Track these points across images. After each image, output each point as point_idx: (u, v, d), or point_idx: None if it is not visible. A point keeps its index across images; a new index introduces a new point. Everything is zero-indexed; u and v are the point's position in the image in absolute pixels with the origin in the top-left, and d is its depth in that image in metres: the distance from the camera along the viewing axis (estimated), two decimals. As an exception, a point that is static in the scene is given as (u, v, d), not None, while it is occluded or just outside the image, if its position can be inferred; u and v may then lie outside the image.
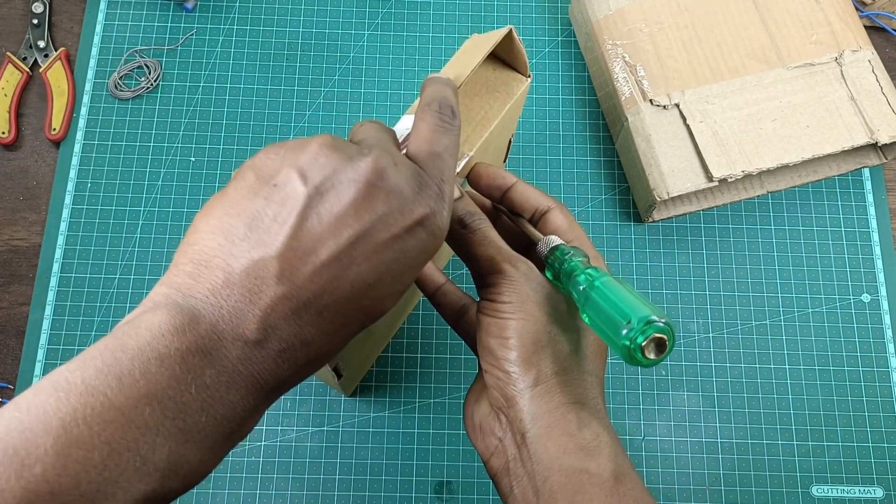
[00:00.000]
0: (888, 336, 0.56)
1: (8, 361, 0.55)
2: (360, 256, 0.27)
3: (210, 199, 0.28)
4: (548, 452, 0.32)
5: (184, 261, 0.26)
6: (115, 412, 0.24)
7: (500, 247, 0.35)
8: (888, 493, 0.53)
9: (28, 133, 0.61)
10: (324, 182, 0.27)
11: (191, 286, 0.26)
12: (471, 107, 0.43)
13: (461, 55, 0.41)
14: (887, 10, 0.62)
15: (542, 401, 0.32)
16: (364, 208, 0.27)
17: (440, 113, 0.31)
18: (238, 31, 0.63)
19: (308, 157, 0.27)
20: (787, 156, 0.52)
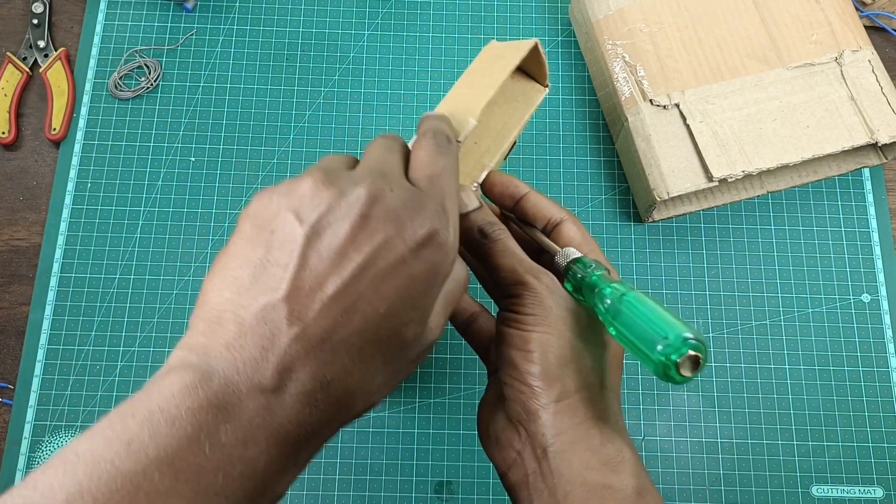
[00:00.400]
0: (888, 336, 0.56)
1: (8, 361, 0.55)
2: (368, 286, 0.27)
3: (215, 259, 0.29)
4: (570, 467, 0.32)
5: (196, 322, 0.27)
6: (122, 480, 0.23)
7: (521, 258, 0.35)
8: (888, 493, 0.53)
9: (28, 133, 0.61)
10: (319, 220, 0.27)
11: (205, 345, 0.26)
12: (490, 116, 0.41)
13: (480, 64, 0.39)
14: (887, 10, 0.62)
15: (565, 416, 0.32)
16: (362, 239, 0.27)
17: (435, 139, 0.31)
18: (238, 31, 0.63)
19: (300, 197, 0.27)
20: (787, 156, 0.52)
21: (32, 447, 0.53)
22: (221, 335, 0.26)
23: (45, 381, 0.54)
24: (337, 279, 0.26)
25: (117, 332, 0.55)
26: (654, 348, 0.28)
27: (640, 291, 0.31)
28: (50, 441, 0.53)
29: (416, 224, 0.28)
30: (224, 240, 0.57)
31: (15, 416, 0.53)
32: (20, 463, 0.52)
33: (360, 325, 0.26)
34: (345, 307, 0.26)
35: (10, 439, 0.53)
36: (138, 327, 0.55)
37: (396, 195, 0.28)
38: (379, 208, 0.27)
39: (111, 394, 0.54)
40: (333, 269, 0.26)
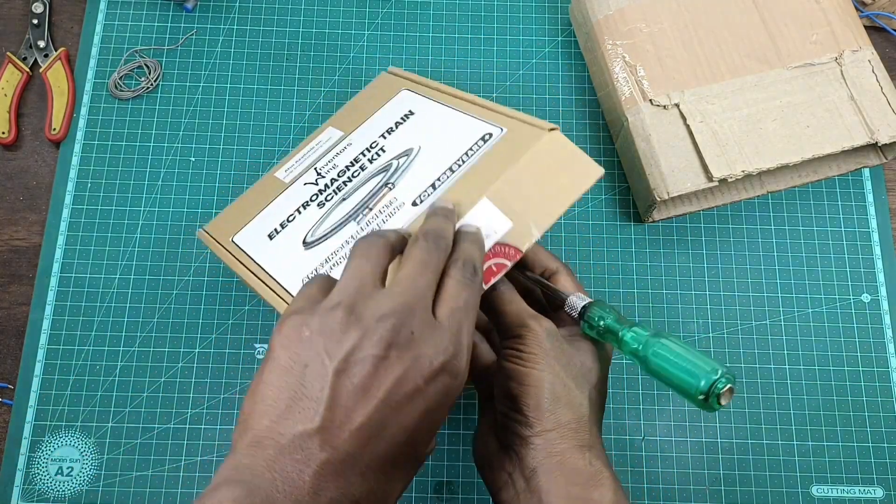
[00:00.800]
0: (888, 336, 0.56)
1: (8, 361, 0.55)
2: (389, 417, 0.31)
3: (252, 381, 0.33)
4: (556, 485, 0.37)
5: (241, 445, 0.31)
6: None
7: (524, 305, 0.40)
8: (888, 493, 0.53)
9: (28, 133, 0.61)
10: (346, 358, 0.31)
11: (249, 465, 0.30)
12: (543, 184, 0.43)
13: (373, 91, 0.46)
14: (887, 10, 0.62)
15: (554, 442, 0.38)
16: (383, 375, 0.31)
17: (463, 272, 0.36)
18: (238, 31, 0.63)
19: (330, 334, 0.32)
20: (787, 156, 0.52)
21: (32, 447, 0.53)
22: (262, 457, 0.30)
23: (45, 381, 0.54)
24: (363, 412, 0.31)
25: (117, 332, 0.55)
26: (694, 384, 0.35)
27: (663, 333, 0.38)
28: (50, 441, 0.53)
29: (432, 356, 0.32)
30: (224, 240, 0.58)
31: (15, 416, 0.53)
32: (20, 463, 0.52)
33: (383, 450, 0.31)
34: (369, 435, 0.31)
35: (10, 439, 0.53)
36: (138, 327, 0.55)
37: (417, 333, 0.32)
38: (399, 345, 0.32)
39: (111, 394, 0.54)
40: (359, 404, 0.31)
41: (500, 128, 0.46)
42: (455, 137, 0.47)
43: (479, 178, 0.44)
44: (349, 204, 0.48)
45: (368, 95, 0.55)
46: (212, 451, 0.53)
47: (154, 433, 0.53)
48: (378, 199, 0.46)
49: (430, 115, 0.50)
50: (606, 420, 0.54)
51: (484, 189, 0.42)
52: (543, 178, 0.43)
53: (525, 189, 0.42)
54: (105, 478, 0.52)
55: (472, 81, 0.62)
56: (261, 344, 0.55)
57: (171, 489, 0.52)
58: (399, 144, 0.49)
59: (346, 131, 0.53)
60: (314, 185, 0.50)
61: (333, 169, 0.50)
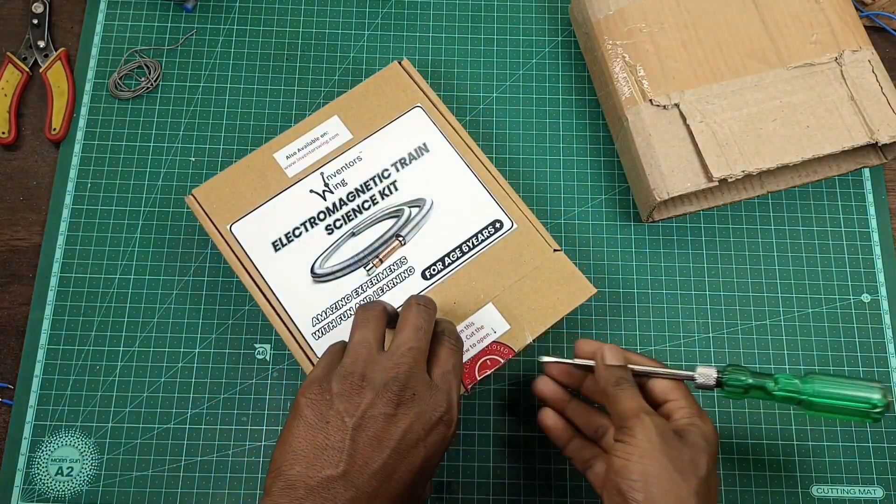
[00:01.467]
0: (888, 336, 0.56)
1: (8, 361, 0.55)
2: (399, 462, 0.39)
3: (281, 433, 0.40)
4: None
5: (274, 488, 0.37)
6: None
7: (641, 401, 0.43)
8: (888, 493, 0.53)
9: (28, 133, 0.61)
10: (362, 416, 0.39)
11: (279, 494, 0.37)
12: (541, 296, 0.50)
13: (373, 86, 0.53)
14: (887, 10, 0.62)
15: None
16: (394, 428, 0.39)
17: (450, 339, 0.44)
18: (238, 31, 0.63)
19: (348, 398, 0.39)
20: (787, 156, 0.52)
21: (32, 447, 0.53)
22: (295, 497, 0.36)
23: (45, 381, 0.54)
24: (379, 459, 0.38)
25: (117, 332, 0.55)
26: (871, 403, 0.43)
27: (806, 375, 0.44)
28: (50, 441, 0.53)
29: (431, 411, 0.40)
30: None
31: (15, 416, 0.53)
32: (20, 463, 0.52)
33: (394, 490, 0.38)
34: (384, 478, 0.38)
35: (10, 439, 0.53)
36: (138, 327, 0.55)
37: (418, 393, 0.40)
38: (404, 403, 0.39)
39: (111, 394, 0.54)
40: (375, 452, 0.38)
41: (512, 221, 0.52)
42: (467, 209, 0.52)
43: (485, 273, 0.51)
44: (359, 243, 0.52)
45: (377, 90, 0.55)
46: (212, 451, 0.53)
47: (154, 433, 0.53)
48: (388, 249, 0.51)
49: (444, 164, 0.54)
50: (606, 420, 0.54)
51: (490, 294, 0.50)
52: (542, 290, 0.50)
53: (524, 299, 0.50)
54: (105, 478, 0.52)
55: (472, 81, 0.62)
56: (261, 344, 0.55)
57: (171, 489, 0.52)
58: (412, 187, 0.53)
59: (353, 132, 0.54)
60: (322, 199, 0.52)
61: (342, 186, 0.53)
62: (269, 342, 0.55)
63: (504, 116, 0.61)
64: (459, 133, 0.54)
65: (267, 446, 0.53)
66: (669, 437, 0.41)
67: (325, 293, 0.50)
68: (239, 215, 0.52)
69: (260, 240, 0.51)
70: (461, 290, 0.50)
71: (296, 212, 0.52)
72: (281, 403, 0.54)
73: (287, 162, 0.53)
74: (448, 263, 0.51)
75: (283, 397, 0.54)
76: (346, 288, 0.50)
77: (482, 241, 0.51)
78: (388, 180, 0.53)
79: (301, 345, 0.49)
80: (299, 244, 0.51)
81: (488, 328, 0.49)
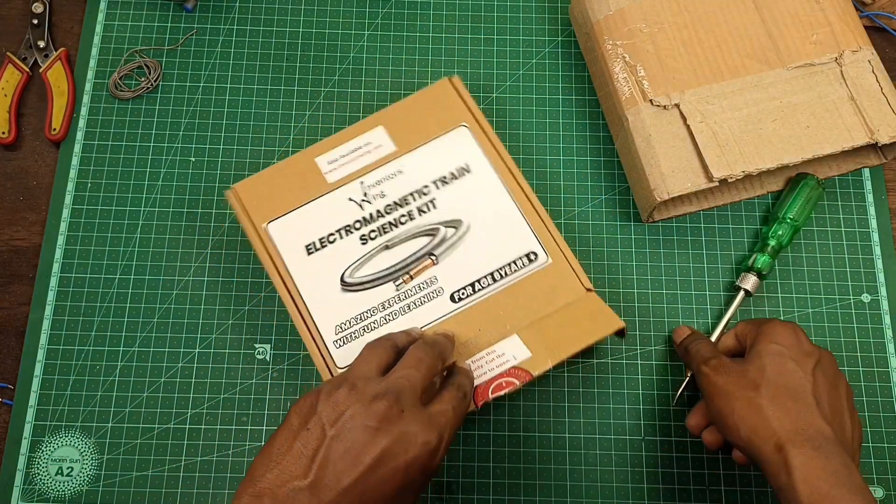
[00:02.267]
0: (888, 336, 0.56)
1: (8, 361, 0.55)
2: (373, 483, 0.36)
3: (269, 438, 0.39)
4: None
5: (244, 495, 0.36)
6: None
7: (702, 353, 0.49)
8: (888, 493, 0.53)
9: (28, 133, 0.61)
10: (342, 425, 0.37)
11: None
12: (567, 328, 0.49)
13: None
14: (887, 10, 0.62)
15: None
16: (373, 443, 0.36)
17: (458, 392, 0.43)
18: (238, 31, 0.63)
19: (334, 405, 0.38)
20: (787, 156, 0.52)
21: (32, 447, 0.53)
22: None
23: (45, 381, 0.54)
24: (350, 476, 0.36)
25: (117, 332, 0.55)
26: (812, 186, 0.55)
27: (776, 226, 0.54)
28: (50, 441, 0.53)
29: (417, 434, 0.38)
30: (224, 240, 0.57)
31: (15, 416, 0.53)
32: (20, 463, 0.52)
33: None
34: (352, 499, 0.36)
35: (10, 439, 0.53)
36: (138, 327, 0.55)
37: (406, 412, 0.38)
38: (390, 419, 0.37)
39: (111, 394, 0.54)
40: (348, 467, 0.36)
41: (547, 255, 0.51)
42: (503, 236, 0.52)
43: (514, 304, 0.50)
44: (391, 256, 0.51)
45: (424, 104, 0.55)
46: (212, 452, 0.53)
47: (154, 433, 0.53)
48: (420, 267, 0.51)
49: (484, 187, 0.53)
50: (606, 420, 0.54)
51: (516, 325, 0.49)
52: (569, 325, 0.49)
53: (550, 332, 0.49)
54: (105, 478, 0.52)
55: (472, 81, 0.62)
56: (261, 344, 0.55)
57: (171, 489, 0.52)
58: (450, 207, 0.52)
59: (397, 144, 0.54)
60: (359, 208, 0.52)
61: (381, 198, 0.52)
62: (269, 342, 0.55)
63: (504, 116, 0.61)
64: (503, 156, 0.53)
65: (267, 446, 0.53)
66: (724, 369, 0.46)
67: (352, 302, 0.50)
68: (276, 215, 0.52)
69: (294, 242, 0.51)
70: (488, 317, 0.49)
71: (332, 218, 0.52)
72: (281, 403, 0.54)
73: (328, 167, 0.53)
74: (478, 289, 0.50)
75: (283, 397, 0.54)
76: (373, 300, 0.50)
77: (515, 272, 0.51)
78: (427, 197, 0.52)
79: (321, 351, 0.49)
80: (332, 250, 0.51)
81: (509, 355, 0.48)
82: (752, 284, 0.55)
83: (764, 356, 0.45)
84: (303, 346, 0.55)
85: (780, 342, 0.46)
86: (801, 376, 0.44)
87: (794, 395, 0.43)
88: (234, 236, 0.58)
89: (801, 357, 0.45)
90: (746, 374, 0.45)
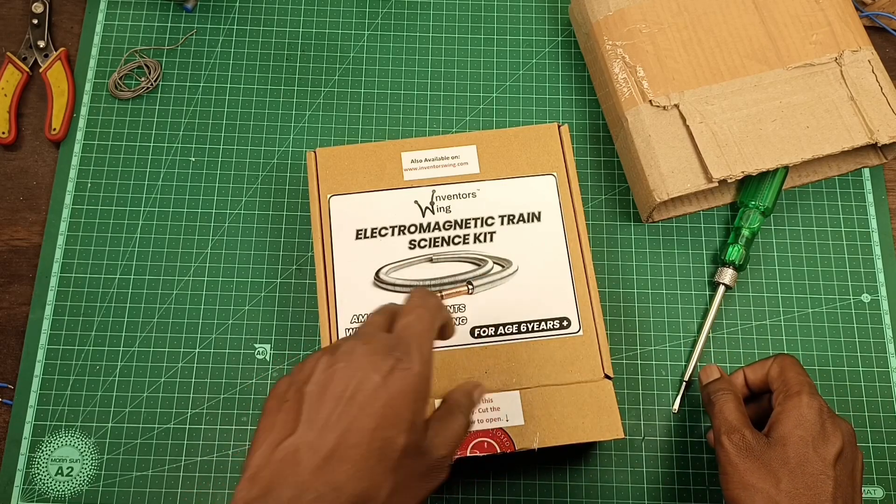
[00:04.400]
0: (888, 336, 0.56)
1: (8, 361, 0.55)
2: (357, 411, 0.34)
3: None
4: None
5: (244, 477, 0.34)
6: None
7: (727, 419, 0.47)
8: (888, 493, 0.53)
9: (28, 133, 0.61)
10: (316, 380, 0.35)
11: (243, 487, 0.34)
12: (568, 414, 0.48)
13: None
14: (887, 10, 0.62)
15: None
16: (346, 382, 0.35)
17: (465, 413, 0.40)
18: (238, 31, 0.63)
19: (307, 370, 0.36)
20: (787, 156, 0.52)
21: (32, 447, 0.53)
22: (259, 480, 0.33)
23: (45, 381, 0.54)
24: (333, 411, 0.34)
25: (117, 332, 0.55)
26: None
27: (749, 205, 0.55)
28: (50, 441, 0.53)
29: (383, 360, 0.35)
30: (224, 240, 0.58)
31: (15, 416, 0.53)
32: (20, 463, 0.52)
33: (357, 439, 0.34)
34: (343, 428, 0.34)
35: (9, 439, 0.53)
36: (138, 327, 0.55)
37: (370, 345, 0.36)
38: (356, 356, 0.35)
39: (111, 394, 0.54)
40: (330, 407, 0.34)
41: (580, 327, 0.50)
42: (545, 293, 0.51)
43: (529, 361, 0.49)
44: (432, 270, 0.51)
45: (525, 141, 0.54)
46: (212, 451, 0.53)
47: (154, 433, 0.53)
48: (454, 291, 0.50)
49: (547, 241, 0.52)
50: (606, 420, 0.54)
51: (522, 383, 0.48)
52: (572, 407, 0.48)
53: (551, 407, 0.48)
54: (105, 478, 0.52)
55: (472, 81, 0.62)
56: (261, 344, 0.55)
57: (171, 489, 0.52)
58: (507, 246, 0.52)
59: (483, 167, 0.53)
60: (421, 214, 0.52)
61: (446, 212, 0.52)
62: (269, 342, 0.55)
63: (504, 116, 0.61)
64: (578, 216, 0.52)
65: (267, 446, 0.53)
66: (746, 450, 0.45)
67: (376, 299, 0.50)
68: (343, 191, 0.52)
69: (349, 221, 0.51)
70: (498, 363, 0.49)
71: (392, 214, 0.52)
72: (281, 403, 0.54)
73: (410, 165, 0.53)
74: (500, 333, 0.50)
75: (283, 397, 0.54)
76: None
77: (542, 330, 0.50)
78: (489, 228, 0.52)
79: (330, 332, 0.49)
80: (379, 243, 0.51)
81: (502, 413, 0.47)
82: (731, 278, 0.55)
83: (788, 444, 0.44)
84: (303, 346, 0.55)
85: (805, 427, 0.45)
86: (823, 470, 0.43)
87: (814, 497, 0.43)
88: (234, 236, 0.58)
89: (825, 446, 0.44)
90: (769, 464, 0.44)
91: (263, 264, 0.57)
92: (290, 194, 0.59)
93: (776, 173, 0.55)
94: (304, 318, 0.56)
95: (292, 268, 0.57)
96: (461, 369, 0.49)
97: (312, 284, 0.57)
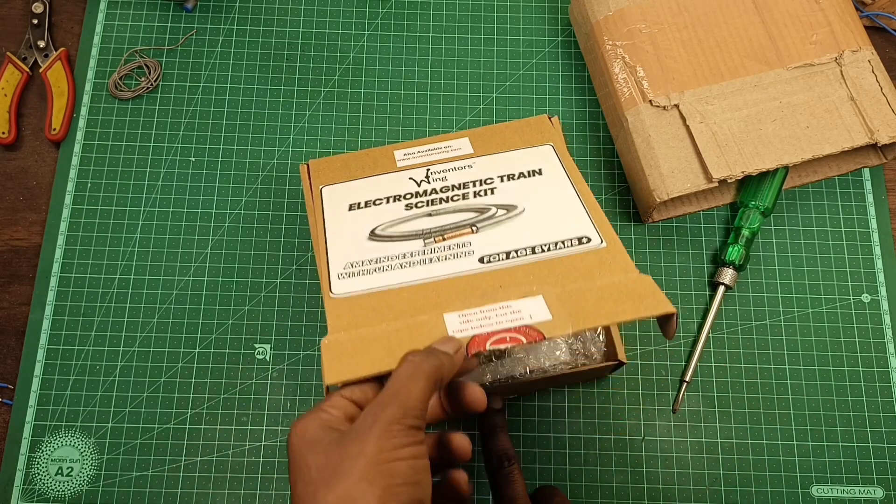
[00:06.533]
0: (888, 336, 0.56)
1: (8, 361, 0.55)
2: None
3: None
4: None
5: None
6: None
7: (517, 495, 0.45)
8: (888, 493, 0.53)
9: (28, 133, 0.61)
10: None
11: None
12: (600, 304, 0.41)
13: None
14: (887, 10, 0.62)
15: None
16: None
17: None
18: (238, 31, 0.63)
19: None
20: (787, 156, 0.52)
21: (32, 447, 0.53)
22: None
23: (45, 381, 0.54)
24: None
25: (117, 332, 0.55)
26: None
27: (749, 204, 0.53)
28: (50, 441, 0.53)
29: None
30: (224, 240, 0.58)
31: (15, 416, 0.53)
32: (20, 463, 0.52)
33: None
34: None
35: (10, 439, 0.53)
36: (138, 327, 0.55)
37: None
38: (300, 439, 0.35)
39: (111, 394, 0.54)
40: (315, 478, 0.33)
41: (601, 239, 0.45)
42: (557, 220, 0.46)
43: (549, 273, 0.43)
44: (431, 221, 0.47)
45: (517, 129, 0.54)
46: (212, 451, 0.53)
47: (154, 433, 0.53)
48: (456, 233, 0.47)
49: (552, 185, 0.49)
50: (606, 420, 0.54)
51: (545, 290, 0.41)
52: (608, 300, 0.41)
53: (583, 302, 0.41)
54: (105, 478, 0.52)
55: (472, 81, 0.62)
56: (261, 344, 0.55)
57: (171, 489, 0.52)
58: (509, 195, 0.49)
59: (476, 149, 0.53)
60: (416, 185, 0.50)
61: (441, 181, 0.51)
62: (269, 342, 0.55)
63: (504, 117, 0.61)
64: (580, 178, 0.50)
65: (267, 446, 0.53)
66: None
67: (371, 249, 0.46)
68: (335, 181, 0.51)
69: (341, 200, 0.50)
70: (514, 278, 0.43)
71: (387, 188, 0.50)
72: (281, 403, 0.54)
73: (402, 157, 0.53)
74: (511, 256, 0.44)
75: (283, 397, 0.54)
76: (394, 251, 0.46)
77: (559, 248, 0.45)
78: (489, 186, 0.50)
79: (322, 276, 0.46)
80: (374, 210, 0.49)
81: (526, 314, 0.40)
82: (731, 278, 0.55)
83: None
84: (303, 346, 0.55)
85: None
86: None
87: None
88: (234, 236, 0.58)
89: None
90: None
91: (263, 264, 0.57)
92: (289, 194, 0.59)
93: (776, 173, 0.55)
94: (304, 318, 0.56)
95: (292, 268, 0.57)
96: (471, 288, 0.43)
97: (312, 284, 0.57)
